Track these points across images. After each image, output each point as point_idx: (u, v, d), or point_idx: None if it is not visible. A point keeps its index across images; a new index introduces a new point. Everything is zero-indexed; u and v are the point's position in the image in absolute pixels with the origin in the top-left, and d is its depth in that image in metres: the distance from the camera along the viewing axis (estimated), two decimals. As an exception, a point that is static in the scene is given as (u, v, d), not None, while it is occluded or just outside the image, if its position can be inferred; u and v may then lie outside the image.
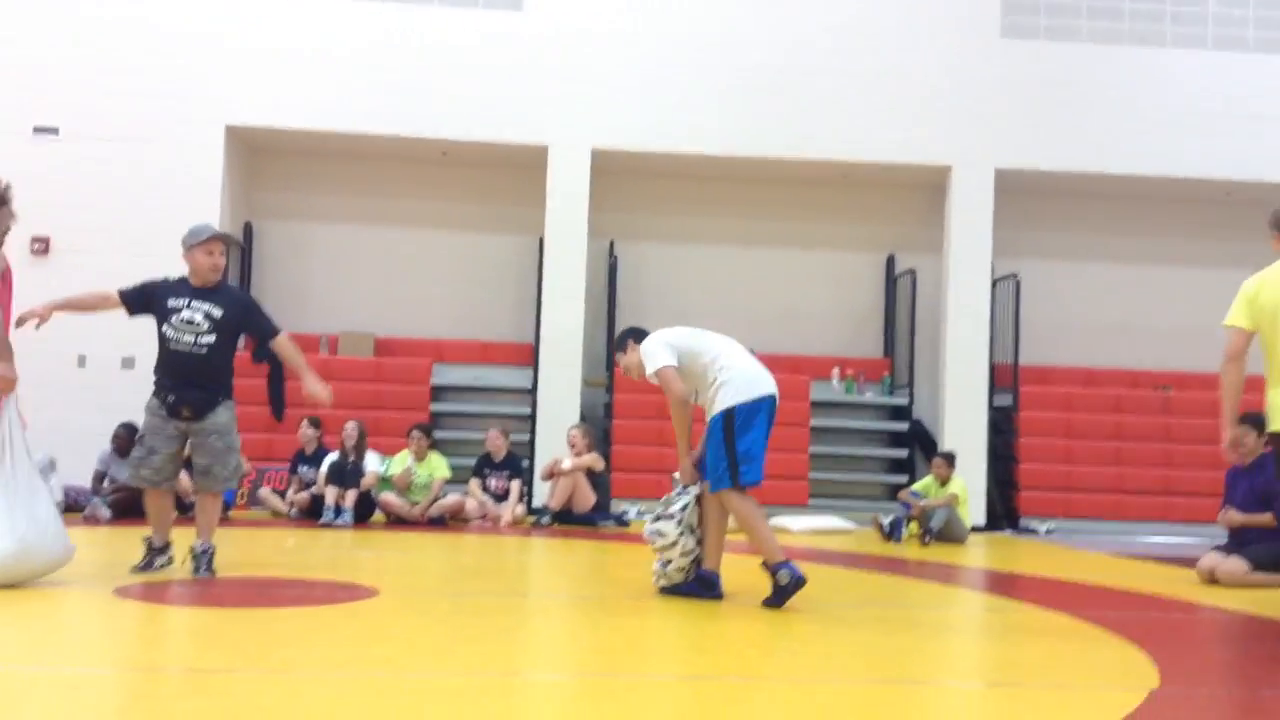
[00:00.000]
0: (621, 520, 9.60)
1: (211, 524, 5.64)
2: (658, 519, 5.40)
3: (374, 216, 12.11)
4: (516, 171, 11.80)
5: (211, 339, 5.55)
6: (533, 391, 11.39)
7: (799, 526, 9.62)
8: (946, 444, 10.98)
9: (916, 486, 9.77)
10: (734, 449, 5.17)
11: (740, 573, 5.51)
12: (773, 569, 5.13)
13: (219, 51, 11.08)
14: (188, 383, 5.54)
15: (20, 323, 5.23)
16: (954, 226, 11.70)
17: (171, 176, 10.83)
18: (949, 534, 9.21)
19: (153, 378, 5.65)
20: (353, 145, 11.57)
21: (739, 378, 5.29)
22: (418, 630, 4.55)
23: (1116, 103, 11.66)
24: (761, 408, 5.27)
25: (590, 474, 9.65)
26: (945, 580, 7.00)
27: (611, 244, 11.93)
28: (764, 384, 5.33)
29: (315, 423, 9.88)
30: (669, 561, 5.37)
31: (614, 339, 5.94)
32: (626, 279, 12.01)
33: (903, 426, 11.93)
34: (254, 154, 11.81)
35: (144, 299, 5.65)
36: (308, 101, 11.12)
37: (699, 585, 5.30)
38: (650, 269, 12.18)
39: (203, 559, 5.53)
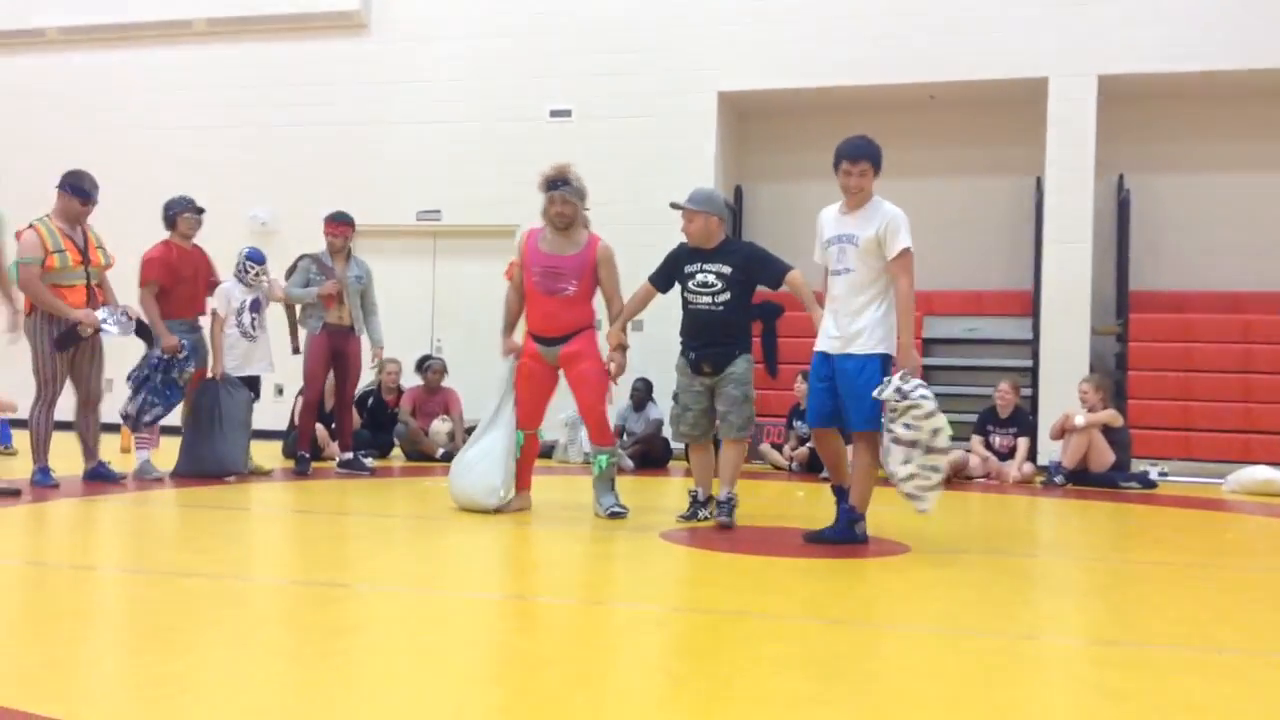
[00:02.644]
0: (1147, 481, 8.71)
1: (734, 473, 5.74)
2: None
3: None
4: (1010, 108, 11.08)
5: (726, 296, 5.71)
6: (1033, 342, 10.69)
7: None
8: None
9: None
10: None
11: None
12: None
13: (707, 21, 11.44)
14: (708, 340, 5.74)
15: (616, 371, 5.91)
16: None
17: (670, 147, 11.36)
18: None
19: (678, 339, 5.91)
20: (836, 98, 11.46)
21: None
22: (960, 588, 4.34)
23: None
24: None
25: (1107, 431, 8.85)
26: None
27: (1121, 178, 10.86)
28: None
29: (816, 378, 9.92)
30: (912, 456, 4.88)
31: (859, 146, 5.11)
32: (1140, 216, 10.88)
33: None
34: (741, 118, 12.10)
35: (668, 275, 5.94)
36: (791, 60, 11.18)
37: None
38: (1167, 204, 10.94)
39: (724, 507, 5.68)
